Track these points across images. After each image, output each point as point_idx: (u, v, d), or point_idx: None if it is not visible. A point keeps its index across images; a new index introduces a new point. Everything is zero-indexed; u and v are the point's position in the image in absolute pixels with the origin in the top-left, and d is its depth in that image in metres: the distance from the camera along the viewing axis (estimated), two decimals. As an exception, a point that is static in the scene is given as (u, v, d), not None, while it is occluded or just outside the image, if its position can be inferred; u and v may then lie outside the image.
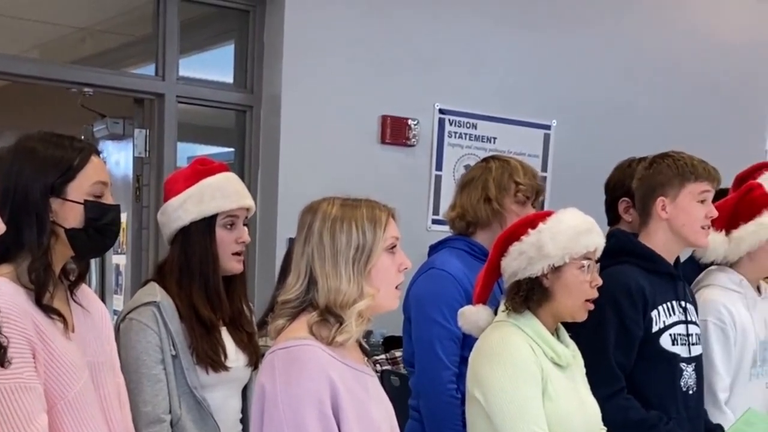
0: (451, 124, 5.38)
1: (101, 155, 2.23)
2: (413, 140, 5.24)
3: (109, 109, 5.76)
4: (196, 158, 2.87)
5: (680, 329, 3.06)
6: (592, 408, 2.75)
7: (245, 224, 2.77)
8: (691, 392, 3.07)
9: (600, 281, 2.70)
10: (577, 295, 2.67)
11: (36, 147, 2.14)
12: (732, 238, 3.31)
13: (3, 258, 2.11)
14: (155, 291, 2.63)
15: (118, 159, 5.77)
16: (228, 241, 2.70)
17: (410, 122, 5.22)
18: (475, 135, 5.46)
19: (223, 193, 2.69)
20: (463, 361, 2.91)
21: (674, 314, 3.07)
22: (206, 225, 2.67)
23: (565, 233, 2.63)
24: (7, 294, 2.04)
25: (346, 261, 2.15)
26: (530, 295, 2.64)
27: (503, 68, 5.55)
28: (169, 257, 2.72)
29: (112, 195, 2.22)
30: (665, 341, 3.03)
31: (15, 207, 2.09)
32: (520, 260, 2.65)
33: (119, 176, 5.50)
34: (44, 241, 2.09)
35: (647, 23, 6.07)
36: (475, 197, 3.16)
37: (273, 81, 4.97)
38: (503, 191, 3.14)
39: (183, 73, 4.94)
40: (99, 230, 2.17)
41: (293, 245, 2.27)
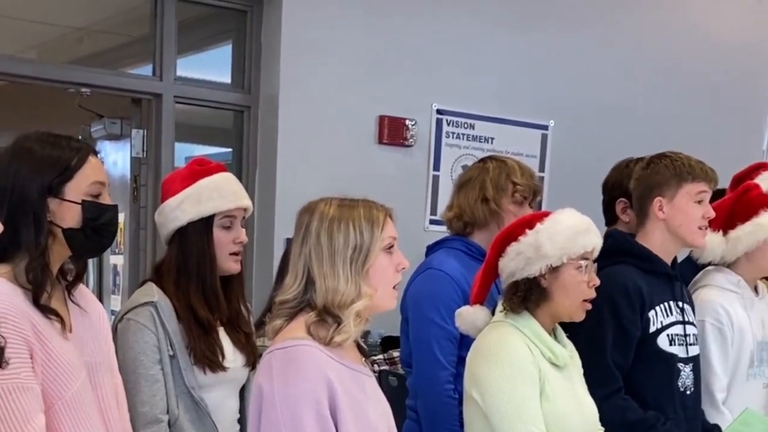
0: (449, 125, 5.38)
1: (99, 155, 2.23)
2: (411, 140, 5.24)
3: (107, 110, 5.76)
4: (194, 158, 2.86)
5: (677, 329, 3.07)
6: (590, 408, 2.75)
7: (243, 225, 2.77)
8: (689, 392, 3.07)
9: (598, 281, 2.70)
10: (575, 296, 2.67)
11: (33, 147, 2.14)
12: (729, 239, 3.31)
13: (0, 258, 2.10)
14: (153, 291, 2.63)
15: (116, 159, 5.78)
16: (225, 242, 2.70)
17: (408, 122, 5.22)
18: (473, 135, 5.45)
19: (221, 194, 2.69)
20: (461, 362, 2.90)
21: (671, 314, 3.07)
22: (204, 225, 2.67)
23: (563, 233, 2.63)
24: (5, 294, 2.04)
25: (344, 261, 2.15)
26: (528, 296, 2.64)
27: (501, 69, 5.55)
28: (167, 257, 2.71)
29: (110, 195, 2.22)
30: (662, 341, 3.03)
31: (12, 207, 2.09)
32: (518, 261, 2.65)
33: (117, 176, 5.50)
34: (42, 241, 2.09)
35: (645, 24, 6.07)
36: (473, 197, 3.16)
37: (270, 81, 4.97)
38: (501, 191, 3.14)
39: (180, 74, 4.93)
40: (96, 230, 2.17)
41: (291, 245, 2.27)
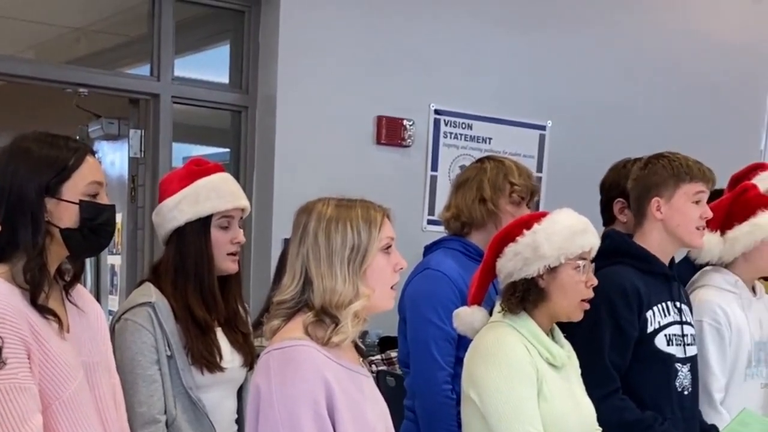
0: (447, 125, 5.38)
1: (96, 155, 2.23)
2: (409, 141, 5.24)
3: (105, 110, 5.75)
4: (191, 159, 2.86)
5: (675, 330, 3.07)
6: (587, 408, 2.75)
7: (240, 225, 2.76)
8: (686, 393, 3.08)
9: (595, 281, 2.70)
10: (573, 296, 2.67)
11: (31, 147, 2.14)
12: (727, 239, 3.31)
13: (-2, 258, 2.11)
14: (150, 291, 2.62)
15: (113, 159, 5.77)
16: (223, 242, 2.70)
17: (406, 123, 5.21)
18: (471, 135, 5.45)
19: (218, 194, 2.69)
20: (458, 362, 2.90)
21: (669, 315, 3.07)
22: (201, 225, 2.67)
23: (561, 234, 2.63)
24: (2, 294, 2.04)
25: (342, 261, 2.15)
26: (526, 296, 2.64)
27: (499, 69, 5.55)
28: (164, 258, 2.71)
29: (107, 195, 2.22)
30: (660, 342, 3.03)
31: (10, 207, 2.09)
32: (516, 261, 2.64)
33: (114, 177, 5.49)
34: (39, 241, 2.09)
35: (643, 24, 6.07)
36: (470, 198, 3.17)
37: (268, 81, 4.97)
38: (498, 192, 3.14)
39: (178, 74, 4.93)
40: (94, 230, 2.17)
41: (288, 246, 2.27)
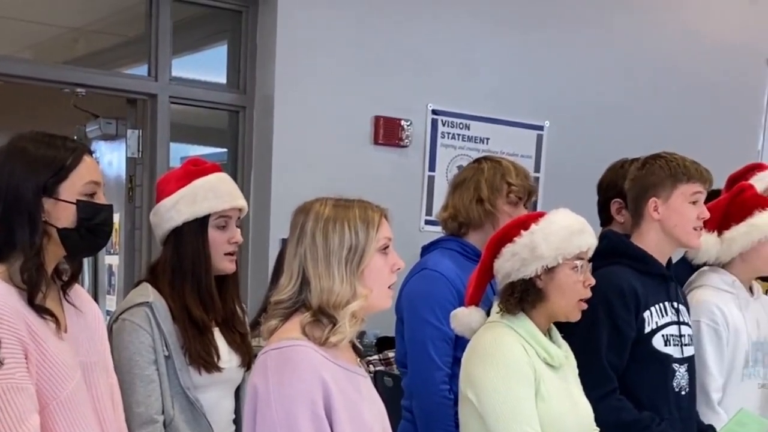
0: (444, 125, 5.38)
1: (94, 155, 2.23)
2: (406, 141, 5.24)
3: (102, 110, 5.74)
4: (189, 159, 2.86)
5: (672, 330, 3.07)
6: (585, 409, 2.75)
7: (238, 225, 2.76)
8: (684, 393, 3.08)
9: (593, 281, 2.70)
10: (571, 295, 2.67)
11: (28, 147, 2.14)
12: (724, 239, 3.31)
13: (-5, 258, 2.11)
14: (148, 292, 2.62)
15: (111, 159, 5.77)
16: (220, 242, 2.69)
17: (403, 123, 5.22)
18: (468, 136, 5.46)
19: (216, 194, 2.69)
20: (456, 362, 2.90)
21: (666, 315, 3.07)
22: (199, 225, 2.66)
23: (558, 234, 2.63)
24: (0, 294, 2.04)
25: (339, 261, 2.15)
26: (525, 297, 2.64)
27: (496, 69, 5.55)
28: (162, 258, 2.71)
29: (105, 195, 2.22)
30: (657, 342, 3.03)
31: (7, 207, 2.09)
32: (513, 262, 2.65)
33: (112, 177, 5.49)
34: (36, 241, 2.09)
35: (641, 24, 6.08)
36: (468, 198, 3.16)
37: (266, 81, 4.97)
38: (495, 192, 3.14)
39: (176, 74, 4.93)
40: (91, 230, 2.17)
41: (286, 246, 2.27)
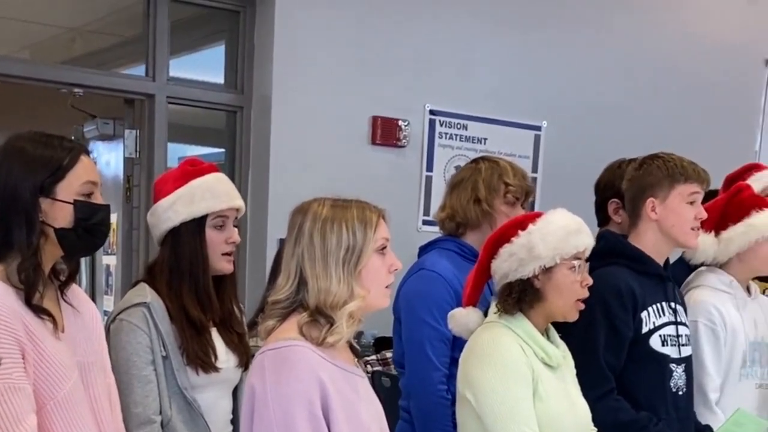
0: (442, 125, 5.38)
1: (91, 155, 2.23)
2: (404, 141, 5.24)
3: (100, 110, 5.74)
4: (186, 159, 2.86)
5: (670, 330, 3.07)
6: (583, 409, 2.75)
7: (235, 225, 2.76)
8: (681, 393, 3.08)
9: (590, 281, 2.70)
10: (569, 295, 2.67)
11: (25, 147, 2.14)
12: (721, 239, 3.31)
13: (-7, 258, 2.10)
14: (145, 292, 2.62)
15: (109, 159, 5.77)
16: (218, 242, 2.69)
17: (401, 123, 5.21)
18: (466, 136, 5.45)
19: (213, 194, 2.69)
20: (453, 362, 2.91)
21: (664, 315, 3.07)
22: (196, 225, 2.66)
23: (555, 234, 2.63)
24: (-3, 294, 2.04)
25: (336, 262, 2.15)
26: (523, 297, 2.64)
27: (494, 69, 5.55)
28: (159, 258, 2.71)
29: (102, 195, 2.22)
30: (655, 342, 3.03)
31: (4, 207, 2.09)
32: (511, 262, 2.65)
33: (110, 177, 5.49)
34: (33, 241, 2.09)
35: (638, 25, 6.08)
36: (465, 198, 3.16)
37: (263, 82, 4.96)
38: (493, 192, 3.14)
39: (173, 74, 4.92)
40: (88, 230, 2.17)
41: (284, 246, 2.27)
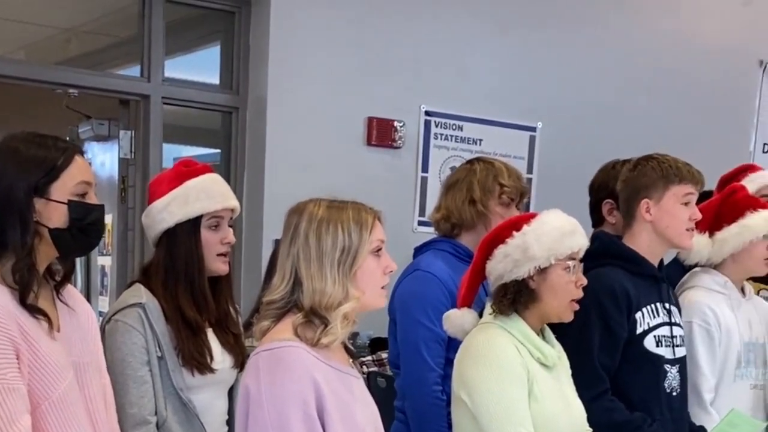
0: (437, 126, 5.38)
1: (85, 155, 2.23)
2: (399, 142, 5.24)
3: (95, 111, 5.74)
4: (180, 160, 2.86)
5: (664, 331, 3.07)
6: (578, 409, 2.75)
7: (230, 225, 2.76)
8: (675, 394, 3.08)
9: (585, 281, 2.70)
10: (563, 296, 2.67)
11: (19, 147, 2.14)
12: (715, 240, 3.32)
13: (-13, 258, 2.10)
14: (140, 293, 2.62)
15: (104, 160, 5.76)
16: (213, 242, 2.69)
17: (396, 124, 5.22)
18: (461, 137, 5.46)
19: (208, 194, 2.69)
20: (449, 363, 2.90)
21: (658, 316, 3.07)
22: (191, 226, 2.66)
23: (550, 235, 2.64)
24: (-9, 295, 2.04)
25: (332, 263, 2.15)
26: (517, 298, 2.64)
27: (489, 70, 5.55)
28: (155, 259, 2.71)
29: (97, 195, 2.22)
30: (649, 343, 3.03)
31: (-2, 207, 2.09)
32: (506, 263, 2.65)
33: (104, 177, 5.48)
34: (28, 241, 2.09)
35: (633, 26, 6.08)
36: (460, 199, 3.17)
37: (259, 82, 4.96)
38: (488, 193, 3.14)
39: (168, 75, 4.92)
40: (83, 230, 2.16)
41: (279, 246, 2.27)
